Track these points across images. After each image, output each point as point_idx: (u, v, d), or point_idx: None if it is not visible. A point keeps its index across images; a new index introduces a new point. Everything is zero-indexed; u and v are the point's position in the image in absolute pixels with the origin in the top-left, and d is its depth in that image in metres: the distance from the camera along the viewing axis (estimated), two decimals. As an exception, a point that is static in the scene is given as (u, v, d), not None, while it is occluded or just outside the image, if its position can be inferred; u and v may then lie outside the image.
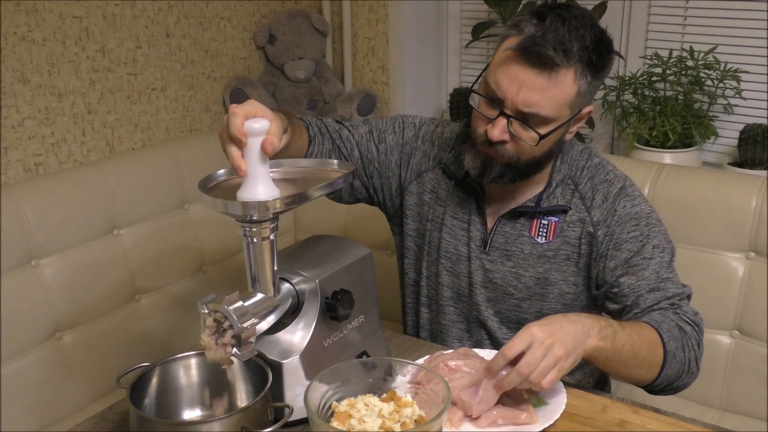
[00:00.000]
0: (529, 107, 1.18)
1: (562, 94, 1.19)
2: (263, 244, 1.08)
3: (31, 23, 1.77)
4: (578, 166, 1.35)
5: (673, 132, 2.01)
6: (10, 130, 1.77)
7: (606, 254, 1.31)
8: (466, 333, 1.44)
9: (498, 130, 1.21)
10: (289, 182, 1.18)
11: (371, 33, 2.46)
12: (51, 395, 1.64)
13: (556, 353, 1.08)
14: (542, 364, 1.08)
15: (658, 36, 2.17)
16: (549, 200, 1.33)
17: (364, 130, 1.45)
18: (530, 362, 1.07)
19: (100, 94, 1.95)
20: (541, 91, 1.18)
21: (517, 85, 1.18)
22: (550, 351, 1.08)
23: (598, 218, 1.31)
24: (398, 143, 1.44)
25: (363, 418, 0.97)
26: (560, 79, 1.18)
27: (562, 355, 1.09)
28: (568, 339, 1.10)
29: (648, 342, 1.21)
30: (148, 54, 2.04)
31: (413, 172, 1.43)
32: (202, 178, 1.12)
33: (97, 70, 1.92)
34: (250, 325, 1.04)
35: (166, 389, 1.14)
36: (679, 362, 1.24)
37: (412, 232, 1.46)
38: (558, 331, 1.10)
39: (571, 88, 1.19)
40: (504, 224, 1.36)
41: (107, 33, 1.93)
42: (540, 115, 1.19)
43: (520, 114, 1.20)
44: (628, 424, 1.13)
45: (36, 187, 1.68)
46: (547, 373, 1.08)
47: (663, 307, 1.27)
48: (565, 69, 1.17)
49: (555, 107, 1.19)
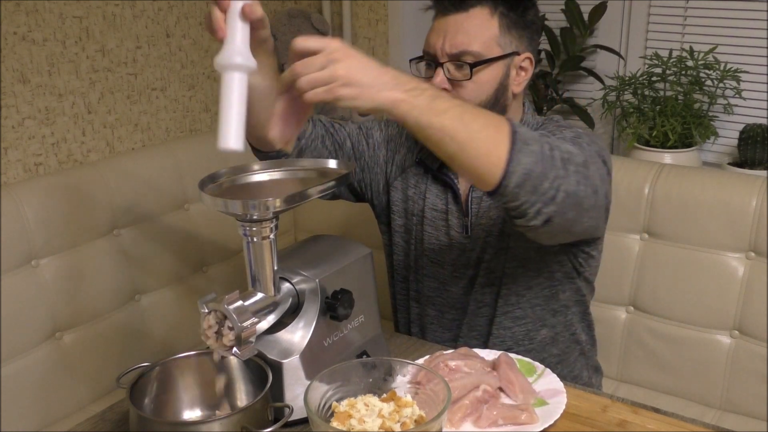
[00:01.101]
0: (457, 47, 1.29)
1: (482, 29, 1.29)
2: (263, 244, 1.08)
3: (31, 23, 1.77)
4: (536, 129, 1.35)
5: (673, 132, 2.01)
6: (10, 130, 1.77)
7: None
8: (453, 322, 1.46)
9: (437, 80, 1.30)
10: (289, 182, 1.18)
11: (371, 33, 2.46)
12: (51, 395, 1.64)
13: (337, 71, 0.97)
14: (318, 74, 0.97)
15: (658, 36, 2.17)
16: None
17: (353, 126, 1.49)
18: (306, 64, 0.97)
19: (100, 94, 1.95)
20: (461, 31, 1.29)
21: (442, 35, 1.30)
22: (333, 65, 0.97)
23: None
24: (384, 139, 1.49)
25: (363, 418, 0.97)
26: (476, 14, 1.29)
27: (342, 77, 0.97)
28: (362, 71, 0.98)
29: (488, 118, 1.06)
30: (148, 54, 2.04)
31: (398, 168, 1.47)
32: (202, 178, 1.12)
33: (97, 70, 1.92)
34: (250, 325, 1.04)
35: (166, 389, 1.14)
36: (535, 152, 1.05)
37: (399, 228, 1.49)
38: (356, 58, 0.99)
39: (489, 22, 1.30)
40: (477, 204, 1.39)
41: (107, 33, 1.93)
42: (467, 50, 1.28)
43: (452, 57, 1.30)
44: (628, 424, 1.13)
45: (36, 187, 1.68)
46: (316, 85, 0.97)
47: None
48: (479, 6, 1.29)
49: (479, 43, 1.29)
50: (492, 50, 1.30)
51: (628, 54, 2.21)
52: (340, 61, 0.97)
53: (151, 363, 1.14)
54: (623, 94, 2.15)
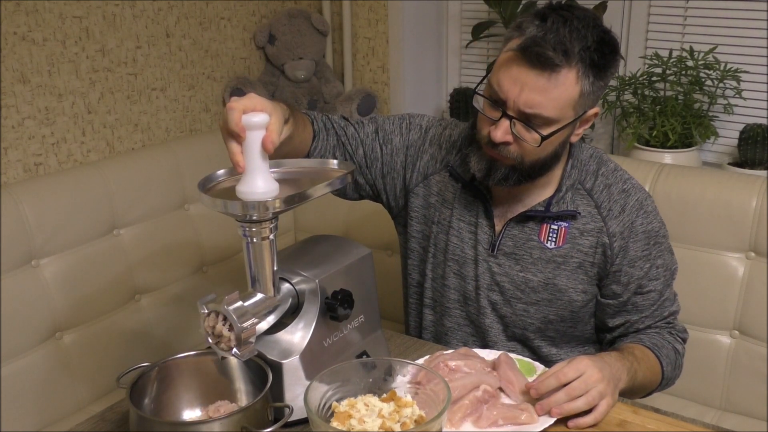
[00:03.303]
0: (531, 108, 1.18)
1: (564, 95, 1.18)
2: (263, 244, 1.08)
3: (31, 23, 1.77)
4: (588, 170, 1.34)
5: (673, 132, 2.01)
6: (10, 130, 1.77)
7: (621, 269, 1.33)
8: (471, 336, 1.44)
9: (501, 131, 1.21)
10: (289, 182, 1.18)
11: (371, 33, 2.46)
12: (51, 395, 1.64)
13: (600, 390, 1.13)
14: (581, 404, 1.12)
15: (658, 36, 2.17)
16: (559, 205, 1.32)
17: (370, 129, 1.43)
18: (579, 387, 1.12)
19: (100, 94, 1.95)
20: (543, 92, 1.17)
21: (519, 86, 1.18)
22: (594, 394, 1.13)
23: (614, 230, 1.32)
24: (404, 145, 1.43)
25: (363, 418, 0.97)
26: (561, 80, 1.17)
27: (604, 392, 1.14)
28: (611, 380, 1.16)
29: (653, 373, 1.33)
30: (148, 54, 2.04)
31: (420, 174, 1.42)
32: (202, 178, 1.12)
33: (97, 70, 1.92)
34: (249, 325, 1.04)
35: (166, 389, 1.14)
36: (667, 379, 1.37)
37: (416, 234, 1.45)
38: (605, 369, 1.16)
39: (573, 89, 1.18)
40: (512, 228, 1.35)
41: (107, 33, 1.93)
42: (542, 116, 1.19)
43: (522, 115, 1.20)
44: (628, 424, 1.13)
45: (36, 187, 1.68)
46: (594, 403, 1.13)
47: (659, 326, 1.38)
48: (567, 70, 1.17)
49: (557, 108, 1.19)
50: (566, 114, 1.21)
51: (628, 54, 2.21)
52: (602, 392, 1.14)
53: (151, 363, 1.13)
54: (623, 94, 2.15)
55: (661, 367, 1.34)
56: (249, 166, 1.02)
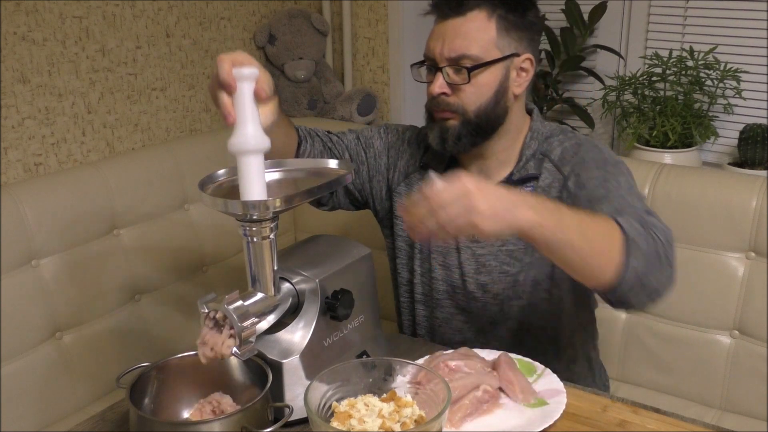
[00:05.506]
0: (455, 51, 1.29)
1: (481, 33, 1.29)
2: (263, 244, 1.08)
3: (31, 23, 1.77)
4: (551, 142, 1.38)
5: (673, 132, 2.01)
6: (10, 130, 1.77)
7: (575, 193, 1.30)
8: (465, 324, 1.45)
9: (437, 84, 1.31)
10: (289, 182, 1.18)
11: (371, 33, 2.46)
12: (51, 395, 1.64)
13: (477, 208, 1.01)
14: (459, 222, 1.01)
15: (658, 36, 2.17)
16: (520, 173, 1.36)
17: (351, 137, 1.50)
18: (450, 215, 1.01)
19: (100, 94, 1.95)
20: (460, 34, 1.29)
21: (441, 39, 1.31)
22: (470, 207, 1.01)
23: (568, 171, 1.34)
24: (385, 147, 1.49)
25: (363, 418, 0.97)
26: (472, 18, 1.29)
27: (483, 211, 1.01)
28: (497, 200, 1.02)
29: (603, 226, 1.13)
30: (148, 54, 2.04)
31: (401, 173, 1.47)
32: (202, 178, 1.12)
33: (97, 70, 1.92)
34: (250, 325, 1.04)
35: (166, 389, 1.14)
36: (644, 253, 1.13)
37: (402, 233, 1.49)
38: (486, 190, 1.03)
39: (487, 25, 1.29)
40: None
41: (107, 33, 1.93)
42: (465, 54, 1.28)
43: (451, 61, 1.30)
44: (628, 424, 1.13)
45: (36, 187, 1.68)
46: (460, 224, 1.01)
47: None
48: (477, 10, 1.29)
49: (478, 46, 1.29)
50: (490, 53, 1.30)
51: (628, 54, 2.21)
52: (477, 199, 1.00)
53: (151, 363, 1.14)
54: (623, 94, 2.15)
55: (619, 225, 1.13)
56: (240, 117, 1.02)
